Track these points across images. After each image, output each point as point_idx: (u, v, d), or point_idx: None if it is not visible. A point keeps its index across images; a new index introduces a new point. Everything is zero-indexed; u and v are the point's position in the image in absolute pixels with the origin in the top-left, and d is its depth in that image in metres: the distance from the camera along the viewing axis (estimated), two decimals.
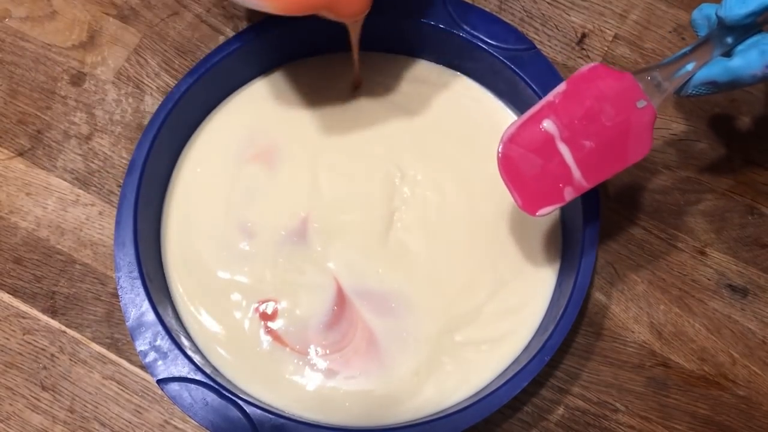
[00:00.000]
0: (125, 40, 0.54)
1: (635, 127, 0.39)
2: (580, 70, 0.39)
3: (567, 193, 0.40)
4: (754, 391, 0.47)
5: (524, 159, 0.40)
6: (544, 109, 0.40)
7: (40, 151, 0.52)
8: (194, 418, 0.41)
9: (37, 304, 0.49)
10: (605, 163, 0.40)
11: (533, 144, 0.40)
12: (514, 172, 0.40)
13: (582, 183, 0.40)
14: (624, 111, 0.39)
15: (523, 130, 0.40)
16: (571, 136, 0.39)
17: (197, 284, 0.46)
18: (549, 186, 0.40)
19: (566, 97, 0.39)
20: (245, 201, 0.48)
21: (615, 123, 0.39)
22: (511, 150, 0.40)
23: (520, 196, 0.40)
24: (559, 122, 0.39)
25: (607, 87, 0.39)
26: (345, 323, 0.45)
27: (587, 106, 0.39)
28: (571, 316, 0.42)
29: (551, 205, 0.40)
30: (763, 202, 0.50)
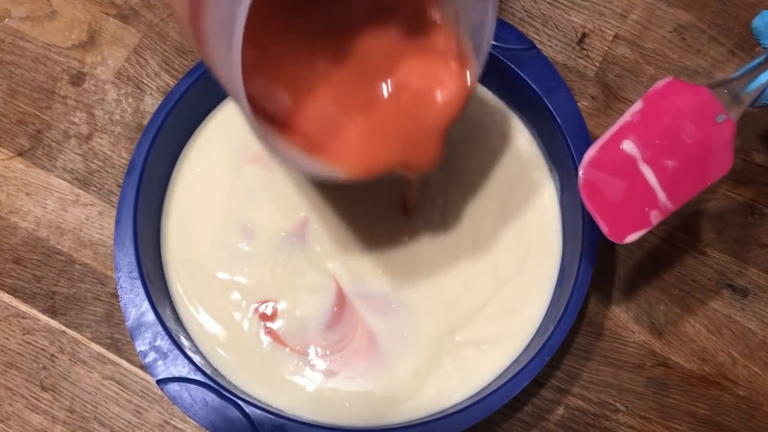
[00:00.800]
0: (125, 40, 0.54)
1: (716, 143, 0.38)
2: (655, 87, 0.38)
3: (653, 217, 0.38)
4: (755, 391, 0.47)
5: (607, 183, 0.38)
6: (623, 130, 0.38)
7: (39, 151, 0.52)
8: (194, 418, 0.41)
9: (37, 304, 0.49)
10: (689, 182, 0.38)
11: (615, 167, 0.38)
12: (597, 198, 0.38)
13: (667, 205, 0.38)
14: (704, 127, 0.38)
15: (603, 152, 0.38)
16: (653, 157, 0.38)
17: (197, 284, 0.46)
18: (634, 210, 0.38)
19: (644, 116, 0.38)
20: (245, 201, 0.48)
21: (696, 140, 0.38)
22: (593, 174, 0.38)
23: (607, 223, 0.39)
24: (640, 143, 0.38)
25: (685, 103, 0.38)
26: (345, 324, 0.45)
27: (666, 124, 0.38)
28: (571, 316, 0.42)
29: (638, 231, 0.39)
30: (763, 202, 0.50)
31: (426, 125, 0.37)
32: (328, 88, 0.36)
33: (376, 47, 0.37)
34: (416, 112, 0.37)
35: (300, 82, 0.36)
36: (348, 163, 0.36)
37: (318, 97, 0.36)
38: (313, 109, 0.36)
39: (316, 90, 0.36)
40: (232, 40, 0.27)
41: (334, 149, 0.36)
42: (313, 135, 0.35)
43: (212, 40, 0.30)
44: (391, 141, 0.37)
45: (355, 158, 0.36)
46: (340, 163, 0.36)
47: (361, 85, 0.37)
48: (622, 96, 0.53)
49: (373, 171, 0.37)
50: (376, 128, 0.37)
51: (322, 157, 0.35)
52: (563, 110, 0.46)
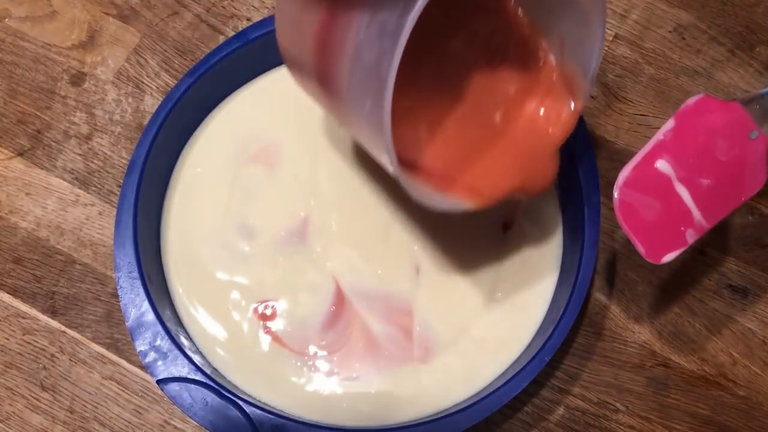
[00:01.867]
0: (125, 40, 0.54)
1: (750, 160, 0.38)
2: (686, 104, 0.38)
3: (689, 236, 0.38)
4: (755, 391, 0.47)
5: (642, 203, 0.38)
6: (656, 149, 0.38)
7: (39, 151, 0.52)
8: (194, 418, 0.41)
9: (37, 304, 0.49)
10: (723, 199, 0.38)
11: (650, 187, 0.38)
12: (633, 219, 0.38)
13: (702, 223, 0.38)
14: (738, 144, 0.37)
15: (638, 172, 0.38)
16: (687, 176, 0.38)
17: (197, 284, 0.46)
18: (670, 230, 0.38)
19: (677, 134, 0.38)
20: (245, 201, 0.48)
21: (730, 157, 0.37)
22: (628, 195, 0.38)
23: (643, 243, 0.38)
24: (674, 161, 0.38)
25: (717, 120, 0.37)
26: (343, 324, 0.45)
27: (699, 142, 0.37)
28: (571, 316, 0.42)
29: (675, 251, 0.38)
30: (763, 202, 0.50)
31: (541, 152, 0.40)
32: (450, 129, 0.39)
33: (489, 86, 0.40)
34: (531, 141, 0.40)
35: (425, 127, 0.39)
36: (475, 195, 0.38)
37: (443, 139, 0.39)
38: (439, 151, 0.39)
39: (440, 133, 0.39)
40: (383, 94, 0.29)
41: (462, 184, 0.38)
42: (441, 173, 0.38)
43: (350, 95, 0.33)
44: (512, 170, 0.39)
45: (481, 190, 0.38)
46: (467, 196, 0.38)
47: (479, 123, 0.40)
48: (622, 96, 0.53)
49: (496, 199, 0.39)
50: (497, 160, 0.39)
51: (451, 192, 0.38)
52: None
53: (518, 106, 0.40)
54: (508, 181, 0.39)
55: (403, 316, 0.45)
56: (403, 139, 0.35)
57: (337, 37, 0.33)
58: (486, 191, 0.39)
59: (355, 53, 0.32)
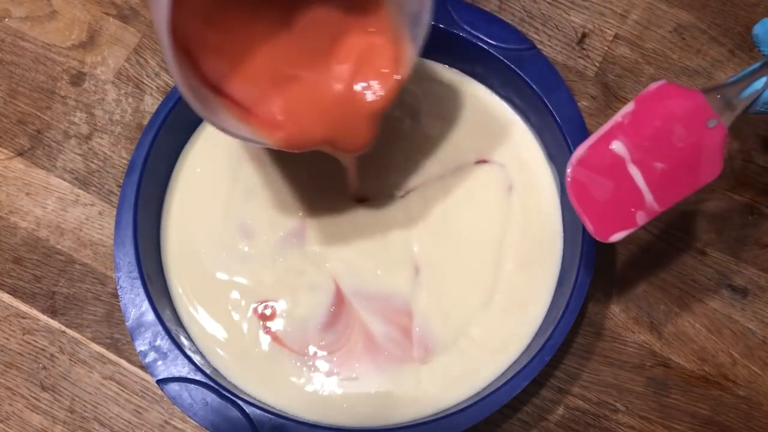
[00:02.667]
0: (125, 40, 0.54)
1: (706, 148, 0.38)
2: (648, 89, 0.38)
3: (639, 218, 0.39)
4: (755, 391, 0.47)
5: (594, 183, 0.38)
6: (613, 130, 0.38)
7: (39, 151, 0.52)
8: (194, 418, 0.41)
9: (37, 304, 0.49)
10: (677, 185, 0.38)
11: (603, 167, 0.38)
12: (584, 197, 0.39)
13: (654, 206, 0.38)
14: (695, 131, 0.38)
15: (593, 152, 0.38)
16: (641, 158, 0.38)
17: (197, 284, 0.46)
18: (621, 210, 0.38)
19: (635, 118, 0.38)
20: (244, 201, 0.48)
21: (686, 144, 0.38)
22: (581, 173, 0.38)
23: (592, 221, 0.39)
24: (629, 144, 0.38)
25: (677, 106, 0.38)
26: (342, 324, 0.45)
27: (657, 126, 0.38)
28: (571, 316, 0.42)
29: (624, 231, 0.39)
30: (763, 202, 0.50)
31: (358, 109, 0.38)
32: (264, 57, 0.37)
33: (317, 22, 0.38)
34: (349, 95, 0.38)
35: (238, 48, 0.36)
36: (275, 133, 0.37)
37: (253, 65, 0.37)
38: (247, 76, 0.37)
39: (252, 58, 0.36)
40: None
41: (263, 118, 0.37)
42: (245, 102, 0.37)
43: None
44: (320, 118, 0.38)
45: (283, 130, 0.37)
46: (267, 133, 0.37)
47: (297, 59, 0.38)
48: (622, 96, 0.53)
49: (299, 145, 0.38)
50: (306, 103, 0.38)
51: (252, 125, 0.37)
52: (563, 110, 0.46)
53: (345, 55, 0.38)
54: (314, 130, 0.38)
55: (403, 317, 0.45)
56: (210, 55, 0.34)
57: None
58: (286, 133, 0.37)
59: None
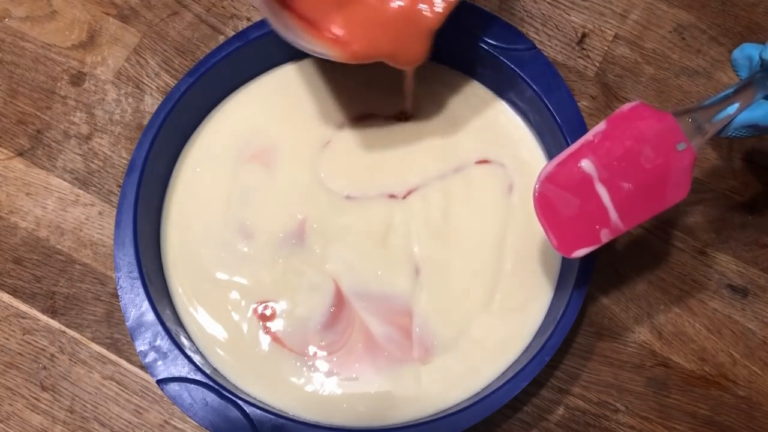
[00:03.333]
0: (125, 40, 0.54)
1: (674, 170, 0.38)
2: (621, 109, 0.39)
3: (603, 235, 0.39)
4: (755, 391, 0.47)
5: (561, 199, 0.39)
6: (583, 149, 0.39)
7: (40, 151, 0.52)
8: (194, 418, 0.41)
9: (37, 304, 0.49)
10: (643, 205, 0.39)
11: (571, 184, 0.39)
12: (550, 212, 0.39)
13: (619, 225, 0.39)
14: (663, 153, 0.38)
15: (561, 169, 0.39)
16: (609, 178, 0.38)
17: (196, 285, 0.46)
18: (585, 227, 0.39)
19: (605, 137, 0.39)
20: (244, 202, 0.48)
21: (654, 165, 0.38)
22: (548, 189, 0.39)
23: (556, 236, 0.39)
24: (598, 162, 0.38)
25: (647, 128, 0.38)
26: (342, 324, 0.45)
27: (626, 146, 0.38)
28: (571, 316, 0.42)
29: (587, 247, 0.39)
30: (763, 202, 0.50)
31: (413, 29, 0.42)
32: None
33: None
34: (407, 16, 0.42)
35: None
36: (342, 47, 0.41)
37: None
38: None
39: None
40: None
41: (333, 34, 0.41)
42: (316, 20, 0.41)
43: None
44: (383, 36, 0.42)
45: (350, 44, 0.41)
46: (334, 46, 0.41)
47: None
48: (622, 96, 0.53)
49: (362, 57, 0.42)
50: (370, 19, 0.42)
51: (320, 37, 0.41)
52: (563, 110, 0.46)
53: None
54: (377, 45, 0.42)
55: (403, 317, 0.45)
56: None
57: None
58: (354, 47, 0.41)
59: None
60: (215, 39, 0.54)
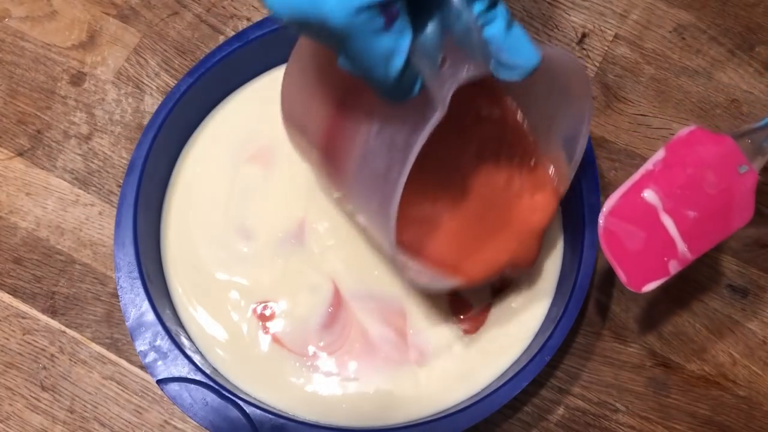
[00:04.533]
0: (125, 40, 0.54)
1: (738, 194, 0.38)
2: (679, 135, 0.38)
3: (672, 267, 0.38)
4: (755, 392, 0.47)
5: (626, 232, 0.38)
6: (644, 179, 0.38)
7: (40, 151, 0.52)
8: (194, 418, 0.41)
9: (37, 304, 0.49)
10: (709, 232, 0.38)
11: (635, 216, 0.38)
12: (617, 247, 0.38)
13: (686, 255, 0.38)
14: (726, 178, 0.38)
15: (624, 202, 0.38)
16: (674, 207, 0.38)
17: (196, 285, 0.46)
18: (653, 260, 0.38)
19: (666, 165, 0.38)
20: (244, 202, 0.48)
21: (718, 191, 0.38)
22: (613, 224, 0.38)
23: (625, 272, 0.39)
24: (661, 192, 0.38)
25: (708, 153, 0.37)
26: (340, 325, 0.45)
27: (688, 174, 0.38)
28: (571, 316, 0.42)
29: (657, 281, 0.39)
30: (763, 202, 0.50)
31: (527, 236, 0.43)
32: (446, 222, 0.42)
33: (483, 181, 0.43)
34: (519, 227, 0.43)
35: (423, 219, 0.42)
36: (467, 277, 0.41)
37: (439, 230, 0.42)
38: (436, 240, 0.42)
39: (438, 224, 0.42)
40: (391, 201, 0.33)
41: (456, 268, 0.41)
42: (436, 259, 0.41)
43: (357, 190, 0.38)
44: (500, 254, 0.42)
45: (473, 274, 0.41)
46: (460, 278, 0.41)
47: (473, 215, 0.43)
48: (622, 96, 0.53)
49: (485, 279, 0.43)
50: (488, 247, 0.42)
51: (446, 275, 0.41)
52: None
53: (508, 198, 0.43)
54: (497, 264, 0.42)
55: (398, 318, 0.45)
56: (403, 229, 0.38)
57: (345, 136, 0.37)
58: (477, 274, 0.42)
59: (364, 158, 0.36)
60: (215, 39, 0.54)
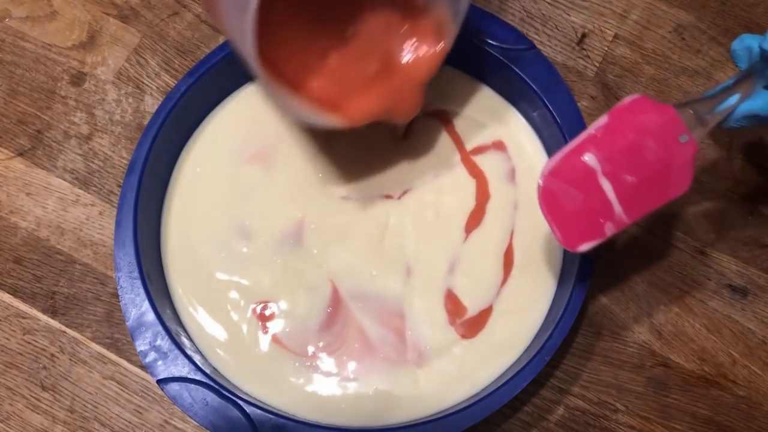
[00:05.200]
0: (125, 40, 0.54)
1: (677, 162, 0.38)
2: (622, 103, 0.39)
3: (608, 229, 0.39)
4: (754, 391, 0.47)
5: (565, 193, 0.39)
6: (586, 143, 0.39)
7: (40, 151, 0.52)
8: (194, 418, 0.41)
9: (37, 304, 0.49)
10: (646, 198, 0.39)
11: (574, 178, 0.39)
12: (554, 207, 0.39)
13: (623, 218, 0.39)
14: (666, 146, 0.38)
15: (565, 163, 0.39)
16: (612, 171, 0.39)
17: (196, 285, 0.46)
18: (590, 221, 0.39)
19: (608, 131, 0.39)
20: (243, 202, 0.48)
21: (657, 158, 0.38)
22: (552, 184, 0.39)
23: (561, 231, 0.39)
24: (601, 156, 0.39)
25: (650, 121, 0.38)
26: (339, 325, 0.45)
27: (629, 139, 0.38)
28: (571, 316, 0.42)
29: (592, 241, 0.39)
30: (763, 202, 0.50)
31: (407, 85, 0.45)
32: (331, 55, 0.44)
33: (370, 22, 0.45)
34: (400, 75, 0.45)
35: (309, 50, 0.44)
36: (344, 115, 0.43)
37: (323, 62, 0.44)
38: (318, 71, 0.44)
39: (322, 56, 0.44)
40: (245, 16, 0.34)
41: (335, 103, 0.43)
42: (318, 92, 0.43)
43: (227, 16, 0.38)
44: (380, 98, 0.44)
45: (350, 113, 0.43)
46: (337, 116, 0.43)
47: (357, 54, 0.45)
48: (622, 96, 0.53)
49: (363, 121, 0.44)
50: (368, 89, 0.44)
51: (324, 110, 0.43)
52: (563, 110, 0.46)
53: (392, 46, 0.45)
54: (376, 108, 0.44)
55: (396, 319, 0.45)
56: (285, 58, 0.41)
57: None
58: (354, 114, 0.43)
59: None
60: (215, 39, 0.54)
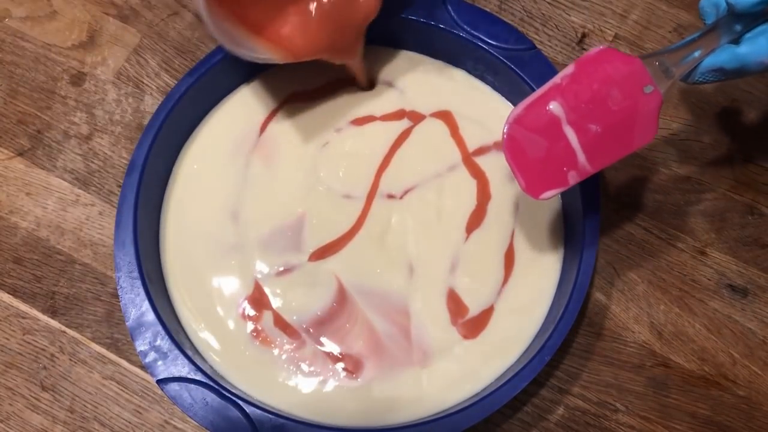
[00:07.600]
0: (125, 40, 0.54)
1: (642, 113, 0.39)
2: (588, 53, 0.39)
3: (571, 177, 0.40)
4: (755, 391, 0.47)
5: (529, 141, 0.40)
6: (551, 91, 0.39)
7: (40, 151, 0.52)
8: (194, 418, 0.41)
9: (37, 304, 0.49)
10: (610, 147, 0.39)
11: (539, 126, 0.39)
12: (518, 154, 0.40)
13: (586, 167, 0.39)
14: (631, 96, 0.39)
15: (530, 111, 0.40)
16: (577, 119, 0.39)
17: (196, 284, 0.46)
18: (553, 169, 0.40)
19: (573, 80, 0.39)
20: (243, 201, 0.48)
21: (622, 107, 0.39)
22: (517, 131, 0.40)
23: (524, 178, 0.40)
24: (566, 105, 0.39)
25: (615, 71, 0.39)
26: (344, 321, 0.45)
27: (594, 89, 0.39)
28: (571, 316, 0.42)
29: (555, 189, 0.40)
30: (763, 202, 0.50)
31: (348, 24, 0.46)
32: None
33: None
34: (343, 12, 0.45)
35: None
36: (282, 48, 0.44)
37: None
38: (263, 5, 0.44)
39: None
40: None
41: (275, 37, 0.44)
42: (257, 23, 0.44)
43: None
44: (319, 35, 0.45)
45: (289, 46, 0.44)
46: (276, 48, 0.44)
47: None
48: None
49: (302, 57, 0.44)
50: (308, 24, 0.45)
51: (263, 42, 0.43)
52: None
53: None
54: (318, 45, 0.45)
55: (401, 316, 0.45)
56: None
57: None
58: (293, 48, 0.44)
59: None
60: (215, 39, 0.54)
